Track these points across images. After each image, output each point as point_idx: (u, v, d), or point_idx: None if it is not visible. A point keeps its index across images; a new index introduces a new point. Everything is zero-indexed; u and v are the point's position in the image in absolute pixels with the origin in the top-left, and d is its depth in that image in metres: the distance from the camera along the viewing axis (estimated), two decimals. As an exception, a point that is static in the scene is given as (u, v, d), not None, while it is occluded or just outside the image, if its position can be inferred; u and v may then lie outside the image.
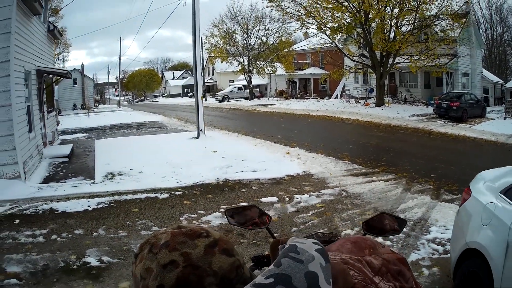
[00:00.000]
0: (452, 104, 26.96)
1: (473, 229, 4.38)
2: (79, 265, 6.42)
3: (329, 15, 34.94)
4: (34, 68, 14.78)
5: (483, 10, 59.80)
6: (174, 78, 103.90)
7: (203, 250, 1.08)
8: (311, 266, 1.00)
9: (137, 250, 1.16)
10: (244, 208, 2.27)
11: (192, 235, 1.11)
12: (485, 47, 57.06)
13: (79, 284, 5.83)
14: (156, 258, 1.07)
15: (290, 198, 9.67)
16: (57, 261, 6.57)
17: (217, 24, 53.66)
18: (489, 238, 4.04)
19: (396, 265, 1.43)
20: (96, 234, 7.70)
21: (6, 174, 11.08)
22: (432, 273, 5.88)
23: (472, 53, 38.30)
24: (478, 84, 39.46)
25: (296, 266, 0.98)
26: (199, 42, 18.06)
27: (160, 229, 4.14)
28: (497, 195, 4.26)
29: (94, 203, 9.58)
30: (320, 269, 1.00)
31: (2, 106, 10.96)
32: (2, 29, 10.97)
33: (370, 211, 8.58)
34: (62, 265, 6.43)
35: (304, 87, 55.78)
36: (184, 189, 10.61)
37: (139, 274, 1.10)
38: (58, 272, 6.22)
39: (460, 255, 4.48)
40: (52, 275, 6.14)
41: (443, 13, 31.91)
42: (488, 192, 4.47)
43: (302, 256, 1.02)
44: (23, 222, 8.43)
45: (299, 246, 1.05)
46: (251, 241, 7.10)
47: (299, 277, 0.96)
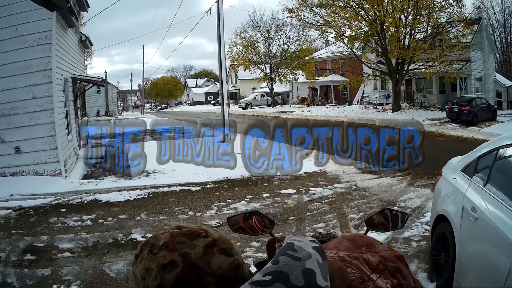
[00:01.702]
0: (463, 108, 27.80)
1: (441, 200, 5.59)
2: (126, 241, 7.62)
3: (347, 24, 35.86)
4: (70, 76, 16.08)
5: (497, 14, 59.12)
6: (197, 85, 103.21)
7: (202, 250, 1.10)
8: (308, 264, 1.03)
9: (138, 251, 1.18)
10: (246, 215, 2.25)
11: (191, 235, 1.13)
12: (499, 52, 56.55)
13: (127, 254, 6.86)
14: (156, 258, 1.10)
15: (306, 191, 10.97)
16: (106, 238, 7.76)
17: (240, 33, 54.66)
18: (451, 205, 5.14)
19: (394, 262, 1.44)
20: (138, 218, 8.99)
21: (48, 171, 12.38)
22: (419, 244, 7.03)
23: (485, 58, 38.62)
24: (491, 89, 39.74)
25: (293, 264, 1.02)
26: (224, 52, 19.29)
27: (193, 215, 6.12)
28: (458, 172, 5.48)
29: (134, 194, 10.94)
30: (317, 266, 1.04)
31: (45, 110, 12.26)
32: (44, 40, 12.27)
33: (376, 201, 9.84)
34: (111, 241, 7.63)
35: (325, 94, 56.24)
36: (214, 183, 12.01)
37: (139, 274, 1.12)
38: (108, 246, 7.37)
39: (434, 221, 5.64)
40: (102, 248, 7.28)
41: (455, 20, 32.61)
42: (452, 171, 5.68)
43: (299, 254, 1.05)
44: (69, 210, 9.66)
45: (296, 244, 1.09)
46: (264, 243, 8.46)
47: (296, 274, 0.99)
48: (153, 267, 1.09)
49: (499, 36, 59.15)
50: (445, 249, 5.11)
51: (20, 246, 7.35)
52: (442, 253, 5.18)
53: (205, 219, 8.83)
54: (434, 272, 5.48)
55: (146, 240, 1.19)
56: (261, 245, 6.92)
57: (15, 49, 11.93)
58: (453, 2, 32.46)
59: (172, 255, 1.09)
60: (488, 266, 3.92)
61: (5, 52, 11.84)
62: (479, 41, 37.03)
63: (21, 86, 12.00)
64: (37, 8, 11.93)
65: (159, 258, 1.09)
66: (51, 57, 12.28)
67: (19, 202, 10.23)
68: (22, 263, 6.63)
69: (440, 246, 5.30)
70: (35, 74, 12.09)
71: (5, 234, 8.00)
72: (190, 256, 1.09)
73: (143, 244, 1.18)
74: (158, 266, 1.08)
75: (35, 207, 9.89)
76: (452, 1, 32.47)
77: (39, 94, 12.11)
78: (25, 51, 12.00)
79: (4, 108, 11.98)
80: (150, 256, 1.11)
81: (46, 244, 7.47)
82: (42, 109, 12.14)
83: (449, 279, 4.79)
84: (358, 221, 8.37)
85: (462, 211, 4.70)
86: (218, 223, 8.48)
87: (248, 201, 10.15)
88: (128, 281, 5.88)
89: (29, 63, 12.02)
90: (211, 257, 1.10)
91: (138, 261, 1.15)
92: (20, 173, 12.16)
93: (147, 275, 1.10)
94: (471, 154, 5.48)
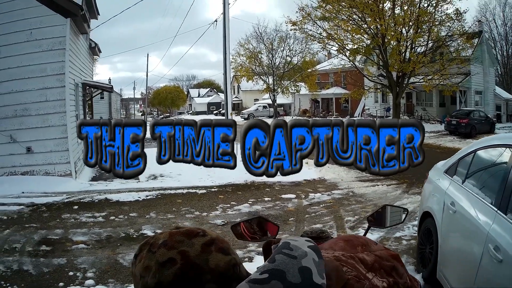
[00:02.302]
0: (461, 121, 28.34)
1: (426, 199, 6.11)
2: (137, 235, 8.13)
3: (349, 37, 36.06)
4: (80, 81, 16.56)
5: (499, 27, 58.40)
6: (200, 95, 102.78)
7: (200, 248, 1.14)
8: (305, 262, 1.07)
9: (137, 251, 1.21)
10: (251, 221, 2.29)
11: (189, 235, 1.17)
12: (501, 65, 56.60)
13: None
14: (155, 256, 1.13)
15: (305, 196, 11.50)
16: (118, 233, 8.27)
17: (243, 44, 54.15)
18: (434, 202, 5.63)
19: (389, 261, 1.44)
20: (148, 216, 9.51)
21: (58, 172, 12.89)
22: (409, 243, 7.54)
23: (485, 71, 38.96)
24: (490, 102, 40.00)
25: (290, 262, 1.06)
26: (229, 64, 19.76)
27: (199, 214, 6.79)
28: (442, 174, 5.97)
29: (143, 195, 11.49)
30: (313, 264, 1.08)
31: (58, 112, 12.79)
32: (58, 45, 12.77)
33: (371, 206, 10.31)
34: (123, 235, 8.14)
35: (327, 106, 56.46)
36: (218, 187, 12.57)
37: (138, 273, 1.15)
38: (120, 240, 7.87)
39: (420, 218, 6.16)
40: (115, 241, 7.77)
41: (455, 33, 32.92)
42: (437, 173, 6.19)
43: (295, 252, 1.10)
44: (81, 207, 10.18)
45: (292, 243, 1.13)
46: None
47: (293, 272, 1.04)
48: (152, 265, 1.13)
49: (501, 50, 59.13)
50: (429, 242, 5.60)
51: (35, 238, 7.78)
52: (427, 246, 5.68)
53: (211, 219, 9.33)
54: (420, 264, 6.00)
55: (145, 240, 1.23)
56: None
57: (29, 52, 12.40)
58: (454, 16, 32.76)
59: (171, 253, 1.12)
60: (464, 253, 4.40)
61: (19, 55, 12.32)
62: (480, 54, 37.43)
63: (34, 88, 12.49)
64: (52, 14, 12.46)
65: (158, 256, 1.13)
66: (65, 62, 12.77)
67: (31, 199, 10.71)
68: (38, 253, 7.04)
69: (425, 240, 5.80)
70: (49, 77, 12.58)
71: (19, 227, 8.45)
72: (189, 254, 1.12)
73: (142, 245, 1.21)
74: (157, 264, 1.12)
75: (47, 204, 10.38)
76: (453, 15, 32.76)
77: (52, 97, 12.60)
78: (39, 55, 12.49)
79: (16, 109, 12.45)
80: (149, 255, 1.15)
81: (61, 237, 7.93)
82: (55, 112, 12.63)
83: (433, 269, 5.28)
84: (354, 223, 8.86)
85: (444, 207, 5.19)
86: (223, 222, 9.01)
87: (250, 203, 10.66)
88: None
89: (43, 66, 12.51)
90: (209, 255, 1.14)
91: (137, 260, 1.18)
92: (30, 173, 12.62)
93: (146, 273, 1.13)
94: (453, 157, 5.97)
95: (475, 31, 36.29)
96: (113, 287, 5.85)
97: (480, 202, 4.22)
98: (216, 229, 8.44)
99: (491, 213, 3.88)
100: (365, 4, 32.25)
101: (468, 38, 32.62)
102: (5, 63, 12.21)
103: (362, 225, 8.61)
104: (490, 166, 4.74)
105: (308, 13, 35.93)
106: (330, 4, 34.06)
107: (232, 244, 5.92)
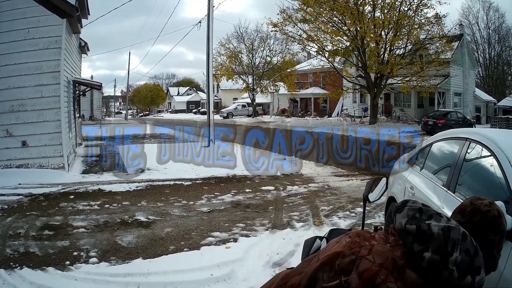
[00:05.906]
0: (438, 121, 29.26)
1: (391, 185, 6.88)
2: (132, 220, 8.83)
3: (328, 39, 36.94)
4: (72, 79, 17.21)
5: (482, 30, 60.31)
6: (179, 94, 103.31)
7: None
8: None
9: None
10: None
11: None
12: (482, 67, 57.87)
13: (134, 230, 8.11)
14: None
15: (283, 188, 12.31)
16: (114, 218, 8.96)
17: (224, 44, 55.18)
18: (397, 188, 6.40)
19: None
20: (140, 204, 10.23)
21: (52, 165, 13.45)
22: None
23: (465, 73, 39.83)
24: (470, 103, 40.85)
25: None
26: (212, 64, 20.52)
27: (186, 203, 7.82)
28: (404, 164, 6.80)
29: (134, 186, 12.25)
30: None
31: (52, 108, 13.33)
32: (54, 44, 13.32)
33: (345, 198, 11.13)
34: (118, 220, 8.82)
35: (306, 106, 57.26)
36: (203, 180, 13.35)
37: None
38: (117, 224, 8.55)
39: (386, 203, 6.92)
40: (112, 226, 8.44)
41: (435, 36, 33.85)
42: (400, 163, 7.06)
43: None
44: (77, 197, 10.90)
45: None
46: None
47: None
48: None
49: (483, 52, 60.70)
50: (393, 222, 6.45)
51: (37, 224, 8.42)
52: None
53: (197, 207, 10.09)
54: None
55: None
56: (245, 225, 8.34)
57: (26, 50, 12.95)
58: (433, 20, 33.79)
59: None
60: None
61: (17, 52, 12.86)
62: (460, 57, 38.28)
63: (31, 85, 13.03)
64: (49, 14, 12.99)
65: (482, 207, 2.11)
66: (60, 60, 13.36)
67: (28, 190, 11.36)
68: (42, 237, 7.66)
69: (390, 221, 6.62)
70: (45, 75, 13.14)
71: (20, 215, 9.06)
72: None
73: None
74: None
75: (44, 194, 11.06)
76: (433, 19, 33.81)
77: (47, 94, 13.17)
78: (36, 53, 13.04)
79: (13, 104, 12.97)
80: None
81: (61, 223, 8.59)
82: (49, 108, 13.20)
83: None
84: (328, 211, 9.68)
85: (405, 191, 5.96)
86: (209, 209, 9.81)
87: (233, 194, 11.47)
88: (138, 248, 7.15)
89: (40, 64, 13.07)
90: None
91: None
92: (25, 166, 13.18)
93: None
94: (415, 149, 6.86)
95: (455, 34, 37.14)
96: (116, 263, 6.54)
97: (433, 184, 5.01)
98: (203, 215, 9.27)
99: (442, 192, 4.59)
100: (345, 7, 32.95)
101: (448, 41, 33.53)
102: (3, 60, 12.70)
103: (336, 213, 9.48)
104: (442, 155, 5.52)
105: (289, 15, 36.64)
106: (311, 6, 34.76)
107: (218, 228, 6.79)
